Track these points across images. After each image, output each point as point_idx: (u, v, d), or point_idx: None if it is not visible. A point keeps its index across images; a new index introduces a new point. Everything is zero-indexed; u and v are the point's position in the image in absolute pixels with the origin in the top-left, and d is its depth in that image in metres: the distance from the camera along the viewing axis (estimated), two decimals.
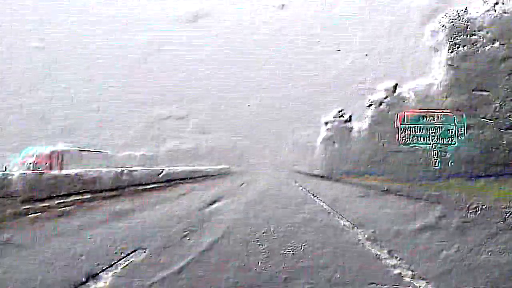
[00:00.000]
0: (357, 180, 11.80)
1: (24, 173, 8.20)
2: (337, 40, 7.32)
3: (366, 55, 7.23)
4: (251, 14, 7.19)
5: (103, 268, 4.46)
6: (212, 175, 15.64)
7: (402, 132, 8.29)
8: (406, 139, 8.29)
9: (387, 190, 10.44)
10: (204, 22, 7.28)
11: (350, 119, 10.82)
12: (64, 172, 9.06)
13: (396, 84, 9.14)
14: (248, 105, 7.92)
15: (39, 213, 7.50)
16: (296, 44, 7.37)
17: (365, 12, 7.29)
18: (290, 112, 8.21)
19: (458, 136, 8.27)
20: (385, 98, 9.53)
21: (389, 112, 9.48)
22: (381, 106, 9.61)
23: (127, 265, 4.61)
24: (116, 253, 5.10)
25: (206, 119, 8.23)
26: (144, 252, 5.14)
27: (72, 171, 9.13)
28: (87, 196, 9.16)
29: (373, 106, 9.73)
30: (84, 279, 4.11)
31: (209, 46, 7.33)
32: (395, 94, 9.32)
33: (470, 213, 7.17)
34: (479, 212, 7.22)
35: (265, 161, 12.81)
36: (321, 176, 14.72)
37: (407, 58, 7.54)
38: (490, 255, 5.03)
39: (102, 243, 5.58)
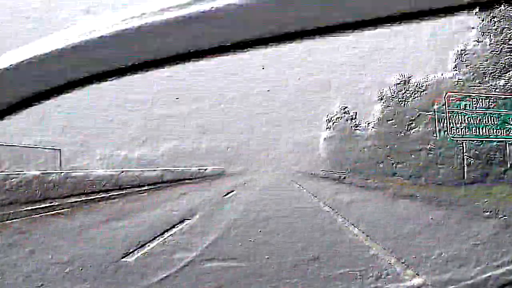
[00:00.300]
0: (363, 182, 11.64)
1: None
2: (337, 39, 7.31)
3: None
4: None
5: None
6: (212, 175, 15.65)
7: (441, 122, 6.95)
8: (455, 131, 6.98)
9: (394, 192, 9.47)
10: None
11: (355, 117, 10.61)
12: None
13: (409, 77, 8.81)
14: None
15: None
16: (296, 42, 7.35)
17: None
18: (290, 111, 8.23)
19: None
20: (398, 92, 9.23)
21: (401, 107, 9.05)
22: (392, 101, 9.32)
23: None
24: None
25: (206, 119, 8.24)
26: None
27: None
28: None
29: (381, 102, 9.48)
30: None
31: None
32: (407, 88, 8.99)
33: None
34: None
35: (265, 161, 12.79)
36: (322, 177, 14.69)
37: (407, 57, 7.53)
38: None
39: None
